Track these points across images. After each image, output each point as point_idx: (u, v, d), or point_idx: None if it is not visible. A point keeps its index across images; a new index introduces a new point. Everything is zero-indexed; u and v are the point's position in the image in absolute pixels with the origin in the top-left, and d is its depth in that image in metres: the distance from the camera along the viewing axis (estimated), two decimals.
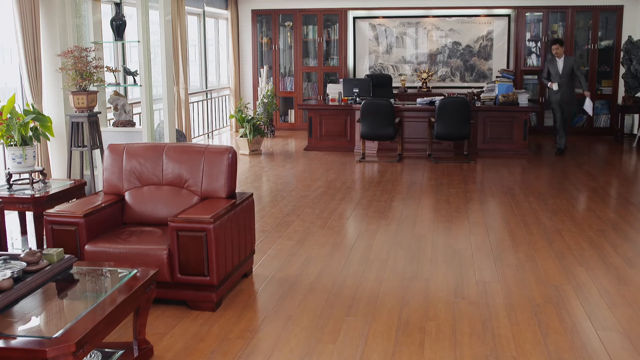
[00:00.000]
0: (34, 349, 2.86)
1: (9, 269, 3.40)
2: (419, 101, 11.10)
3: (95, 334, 3.10)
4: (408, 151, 10.79)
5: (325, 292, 4.86)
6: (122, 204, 5.03)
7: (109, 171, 5.10)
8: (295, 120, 14.13)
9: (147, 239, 4.57)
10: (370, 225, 6.77)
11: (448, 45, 13.42)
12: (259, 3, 13.86)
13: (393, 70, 13.56)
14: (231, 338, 4.12)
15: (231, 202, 4.77)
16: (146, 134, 6.93)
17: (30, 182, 5.79)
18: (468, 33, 13.32)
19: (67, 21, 7.11)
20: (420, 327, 4.26)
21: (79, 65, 6.54)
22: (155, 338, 4.06)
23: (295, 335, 4.16)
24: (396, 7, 13.35)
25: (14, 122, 5.66)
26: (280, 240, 6.14)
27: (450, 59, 13.45)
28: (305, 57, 13.98)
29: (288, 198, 7.86)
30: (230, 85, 14.04)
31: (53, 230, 4.60)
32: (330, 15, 13.67)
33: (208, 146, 5.07)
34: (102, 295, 3.53)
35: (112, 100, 7.22)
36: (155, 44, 7.23)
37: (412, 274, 5.26)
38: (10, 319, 3.19)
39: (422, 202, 7.66)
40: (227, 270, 4.61)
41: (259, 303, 4.74)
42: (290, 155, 11.11)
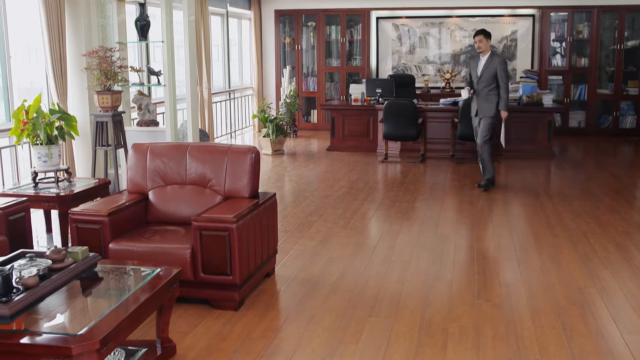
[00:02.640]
0: (59, 346, 2.89)
1: (35, 266, 3.43)
2: (442, 101, 11.05)
3: (119, 332, 3.12)
4: (431, 152, 10.74)
5: (348, 293, 4.85)
6: (146, 203, 5.06)
7: (133, 170, 5.13)
8: (317, 121, 14.13)
9: (170, 238, 4.59)
10: (392, 225, 6.75)
11: (472, 45, 13.34)
12: (282, 3, 13.88)
13: (416, 71, 13.51)
14: (253, 337, 4.13)
15: (254, 202, 4.78)
16: (169, 134, 6.96)
17: (56, 180, 5.85)
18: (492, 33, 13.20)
19: (92, 21, 7.16)
20: (442, 328, 4.23)
21: (103, 65, 6.59)
22: (178, 337, 4.08)
23: (317, 335, 4.16)
24: (419, 7, 13.30)
25: (40, 121, 5.72)
26: (303, 240, 6.14)
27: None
28: (328, 57, 13.97)
29: (310, 198, 7.86)
30: (253, 85, 14.07)
31: (78, 228, 4.63)
32: (353, 15, 13.65)
33: (231, 146, 5.09)
34: (125, 293, 3.55)
35: (136, 99, 7.26)
36: (179, 44, 7.27)
37: (434, 275, 5.23)
38: (36, 315, 3.22)
39: (445, 203, 7.63)
40: (250, 269, 4.62)
41: (281, 303, 4.74)
42: (312, 155, 11.11)
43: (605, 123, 13.11)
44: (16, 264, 3.47)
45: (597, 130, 12.97)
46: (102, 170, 6.94)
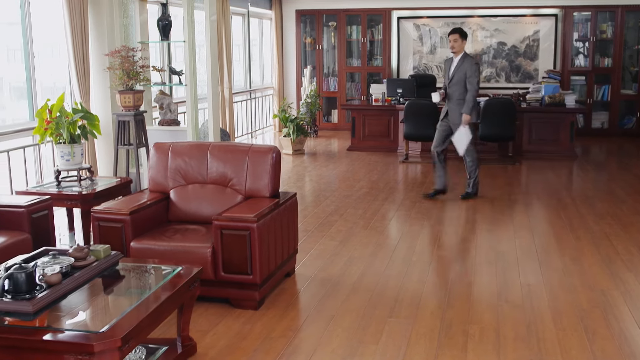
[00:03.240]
0: (81, 343, 2.91)
1: (58, 264, 3.46)
2: None
3: (140, 330, 3.13)
4: (451, 152, 10.65)
5: (368, 293, 4.84)
6: (167, 202, 5.09)
7: (155, 169, 5.16)
8: (338, 121, 14.12)
9: (191, 237, 4.61)
10: (413, 226, 6.73)
11: (493, 45, 13.27)
12: (303, 3, 13.89)
13: (437, 71, 13.45)
14: (273, 337, 4.13)
15: (275, 202, 4.79)
16: (191, 133, 6.99)
17: (78, 179, 5.90)
18: (514, 33, 13.15)
19: (115, 21, 7.21)
20: (463, 329, 4.21)
21: (125, 64, 6.63)
22: (198, 335, 4.10)
23: (337, 335, 4.16)
24: (441, 7, 13.25)
25: (63, 120, 5.77)
26: (323, 240, 6.14)
27: (495, 60, 13.30)
28: (349, 57, 13.96)
29: (331, 198, 7.86)
30: (273, 85, 14.10)
31: (100, 226, 4.67)
32: (374, 15, 13.63)
33: (252, 145, 5.10)
34: (146, 292, 3.57)
35: (157, 99, 7.30)
36: (200, 44, 7.30)
37: (455, 276, 5.21)
38: (58, 313, 3.24)
39: (465, 204, 7.59)
40: (270, 269, 4.63)
41: (302, 302, 4.75)
42: (333, 155, 11.11)
43: (628, 124, 12.98)
44: (39, 261, 3.50)
45: (620, 131, 12.84)
46: (124, 169, 6.98)
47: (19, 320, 3.07)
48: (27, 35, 6.86)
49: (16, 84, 7.36)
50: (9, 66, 7.32)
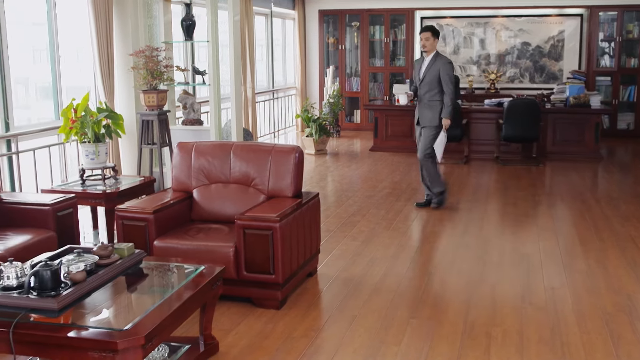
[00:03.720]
0: (105, 340, 2.93)
1: (83, 262, 3.48)
2: (486, 102, 10.94)
3: (163, 328, 3.15)
4: (475, 153, 10.64)
5: (390, 293, 4.83)
6: (190, 201, 5.11)
7: (178, 169, 5.19)
8: (360, 121, 14.11)
9: (214, 236, 4.63)
10: (435, 227, 6.70)
11: (517, 45, 13.17)
12: (326, 3, 13.89)
13: (460, 71, 13.39)
14: (295, 337, 4.13)
15: (297, 202, 4.79)
16: (214, 133, 7.02)
17: (102, 178, 5.95)
18: (538, 33, 13.05)
19: (139, 22, 7.26)
20: (486, 331, 4.19)
21: (149, 64, 6.68)
22: (220, 334, 4.11)
23: (359, 335, 4.15)
24: (464, 7, 13.18)
25: (88, 119, 5.82)
26: (345, 240, 6.14)
27: (519, 60, 13.20)
28: (372, 57, 13.94)
29: (353, 198, 7.85)
30: (296, 85, 14.11)
31: (124, 225, 4.70)
32: (397, 15, 13.59)
33: (275, 145, 5.11)
34: (170, 290, 3.59)
35: (181, 99, 7.34)
36: (224, 44, 7.32)
37: (477, 277, 5.18)
38: (83, 310, 3.27)
39: (488, 205, 7.54)
40: (292, 268, 4.63)
41: (324, 302, 4.74)
42: (355, 155, 11.10)
43: None
44: (64, 259, 3.53)
45: None
46: (147, 168, 7.03)
47: (44, 317, 3.10)
48: (53, 36, 6.93)
49: (41, 83, 7.44)
50: (35, 66, 7.40)
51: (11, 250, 4.41)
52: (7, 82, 6.24)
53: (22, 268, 3.29)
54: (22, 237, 4.65)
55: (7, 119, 6.26)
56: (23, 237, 4.65)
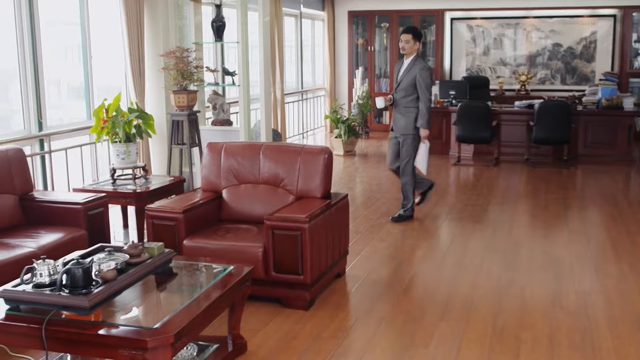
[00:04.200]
0: (135, 338, 2.96)
1: (113, 260, 3.52)
2: (517, 104, 10.83)
3: (192, 327, 3.17)
4: (505, 155, 10.54)
5: (418, 296, 4.81)
6: (220, 201, 5.13)
7: (208, 169, 5.22)
8: (389, 122, 14.03)
9: (243, 236, 4.64)
10: (464, 229, 6.66)
11: (548, 46, 13.04)
12: (355, 4, 13.87)
13: (490, 73, 13.29)
14: (323, 337, 4.13)
15: (326, 202, 4.79)
16: (243, 133, 7.05)
17: (133, 177, 6.00)
18: (570, 34, 12.90)
19: (170, 23, 7.32)
20: (515, 335, 4.14)
21: (180, 65, 6.72)
22: (249, 334, 4.12)
23: (387, 337, 4.14)
24: (495, 8, 13.08)
25: (119, 119, 5.87)
26: (374, 242, 6.12)
27: (550, 61, 13.07)
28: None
29: (382, 200, 7.83)
30: (325, 86, 14.12)
31: (154, 224, 4.74)
32: (426, 16, 13.54)
33: (304, 146, 5.12)
34: (199, 290, 3.61)
35: (211, 99, 7.37)
36: (254, 45, 7.35)
37: (507, 280, 5.13)
38: (113, 308, 3.30)
39: (518, 208, 7.47)
40: (321, 269, 4.63)
41: (352, 304, 4.74)
42: (384, 156, 11.05)
43: None
44: (96, 257, 3.57)
45: None
46: (177, 168, 7.07)
47: (75, 315, 3.14)
48: (85, 36, 7.01)
49: (73, 83, 7.53)
50: (67, 66, 7.49)
51: (44, 248, 4.47)
52: (40, 82, 6.33)
53: (55, 266, 3.33)
54: (54, 235, 4.71)
55: (40, 118, 6.34)
56: (55, 235, 4.71)
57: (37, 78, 6.30)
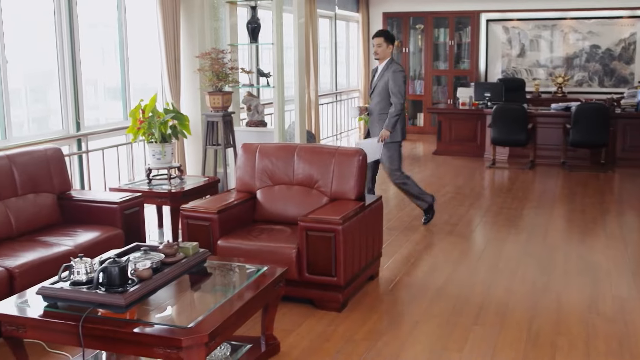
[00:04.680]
0: (169, 337, 2.98)
1: (149, 259, 3.55)
2: (553, 106, 10.70)
3: (226, 327, 3.19)
4: (540, 158, 10.41)
5: (452, 299, 4.77)
6: (254, 202, 5.15)
7: (242, 169, 5.24)
8: (423, 124, 13.99)
9: (277, 237, 4.66)
10: (499, 233, 6.60)
11: (586, 48, 12.86)
12: (390, 6, 13.84)
13: (526, 75, 13.16)
14: (356, 340, 4.12)
15: (360, 204, 4.78)
16: (277, 134, 7.07)
17: (168, 177, 6.05)
18: (609, 35, 12.71)
19: (205, 24, 7.37)
20: (551, 341, 4.09)
21: (215, 66, 6.76)
22: (282, 334, 4.13)
23: (420, 341, 4.11)
24: (531, 10, 12.94)
25: (155, 120, 5.93)
26: (407, 245, 6.09)
27: (588, 63, 12.89)
28: (436, 60, 13.82)
29: None
30: (359, 87, 14.10)
31: (188, 224, 4.78)
32: (462, 17, 13.45)
33: (339, 148, 5.11)
34: (233, 290, 3.63)
35: (245, 100, 7.41)
36: (288, 46, 7.36)
37: (543, 285, 5.06)
38: (148, 307, 3.34)
39: (554, 212, 7.38)
40: (354, 271, 4.62)
41: (385, 306, 4.72)
42: (418, 159, 11.02)
43: None
44: (131, 256, 3.61)
45: None
46: (212, 169, 7.12)
47: (111, 312, 3.17)
48: (122, 38, 7.09)
49: (109, 84, 7.63)
50: (104, 68, 7.58)
51: (80, 246, 4.54)
52: (78, 83, 6.42)
53: (91, 264, 3.37)
54: (91, 234, 4.78)
55: (77, 118, 6.44)
56: (92, 234, 4.78)
57: (75, 79, 6.39)
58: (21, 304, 3.38)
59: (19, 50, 6.09)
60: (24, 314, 3.28)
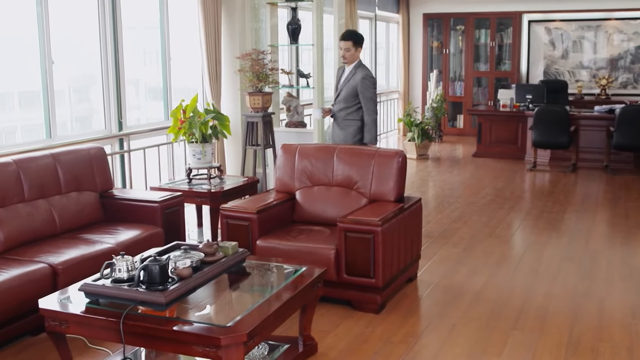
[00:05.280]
0: (208, 336, 3.01)
1: (189, 258, 3.59)
2: (596, 109, 10.53)
3: (264, 327, 3.20)
4: (583, 161, 10.25)
5: (491, 303, 4.72)
6: (293, 203, 5.17)
7: (281, 170, 5.26)
8: (463, 126, 13.88)
9: (315, 238, 4.66)
10: (540, 237, 6.51)
11: (631, 49, 12.62)
12: (430, 6, 13.76)
13: (569, 76, 12.97)
14: (394, 342, 4.10)
15: (399, 206, 4.76)
16: (316, 135, 7.08)
17: (208, 177, 6.10)
18: None
19: (246, 25, 7.42)
20: (592, 347, 4.03)
21: (255, 67, 6.80)
22: (319, 335, 4.13)
23: (458, 344, 4.08)
24: (575, 10, 12.75)
25: (196, 120, 5.98)
26: (446, 247, 6.05)
27: (633, 65, 12.64)
28: (476, 62, 13.70)
29: (455, 204, 7.73)
30: (399, 88, 14.05)
31: (228, 224, 4.81)
32: (503, 18, 13.31)
33: (378, 149, 5.10)
34: (272, 290, 3.64)
35: (285, 101, 7.43)
36: (328, 47, 7.37)
37: (584, 290, 4.98)
38: (187, 305, 3.37)
39: (597, 216, 7.26)
40: (392, 273, 4.61)
41: (423, 309, 4.69)
42: (457, 161, 10.93)
43: None
44: (172, 255, 3.64)
45: None
46: (251, 169, 7.16)
47: (151, 310, 3.21)
48: (165, 39, 7.18)
49: (151, 85, 7.73)
50: (145, 68, 7.68)
51: (122, 244, 4.60)
52: (121, 83, 6.52)
53: (133, 262, 3.42)
54: (132, 232, 4.84)
55: (120, 118, 6.53)
56: (133, 232, 4.84)
57: (118, 80, 6.49)
58: (64, 300, 3.44)
59: (64, 51, 6.20)
60: (67, 309, 3.34)
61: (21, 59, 6.02)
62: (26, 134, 6.27)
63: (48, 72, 5.82)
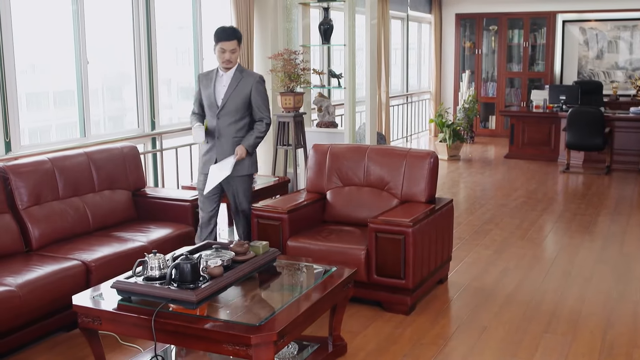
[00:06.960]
0: (239, 335, 3.02)
1: (220, 257, 3.61)
2: (632, 110, 10.37)
3: (294, 327, 3.21)
4: (617, 163, 10.10)
5: (523, 306, 4.68)
6: (323, 203, 5.17)
7: (313, 170, 5.27)
8: (495, 127, 13.76)
9: (346, 238, 4.66)
10: (573, 239, 6.43)
11: None
12: (463, 7, 13.67)
13: (604, 77, 12.79)
14: (424, 343, 4.09)
15: (430, 207, 4.74)
16: (348, 135, 7.07)
17: None
18: None
19: (278, 25, 7.44)
20: (627, 352, 3.96)
21: (287, 67, 6.81)
22: (349, 336, 4.12)
23: (489, 347, 4.05)
24: (610, 10, 12.56)
25: None
26: (477, 249, 6.01)
27: None
28: (509, 62, 13.58)
29: (486, 206, 7.67)
30: (430, 89, 13.98)
31: (259, 223, 4.83)
32: (537, 18, 13.17)
33: (410, 150, 5.08)
34: (303, 289, 3.65)
35: (316, 101, 7.43)
36: (360, 48, 7.36)
37: (618, 295, 4.91)
38: (218, 304, 3.39)
39: (631, 219, 7.14)
40: (423, 274, 4.59)
41: (453, 311, 4.66)
42: (489, 162, 10.85)
43: None
44: (203, 253, 3.67)
45: None
46: (282, 169, 7.17)
47: (182, 308, 3.23)
48: (197, 39, 7.22)
49: (183, 84, 7.78)
50: (177, 68, 7.74)
51: (154, 242, 4.65)
52: (154, 83, 6.58)
53: (164, 260, 3.45)
54: (164, 231, 4.89)
55: (153, 117, 6.59)
56: (164, 231, 4.89)
57: (151, 79, 6.55)
58: (96, 297, 3.48)
59: (98, 51, 6.28)
60: (99, 306, 3.38)
61: (56, 59, 6.11)
62: (61, 132, 6.36)
63: (83, 72, 5.89)
